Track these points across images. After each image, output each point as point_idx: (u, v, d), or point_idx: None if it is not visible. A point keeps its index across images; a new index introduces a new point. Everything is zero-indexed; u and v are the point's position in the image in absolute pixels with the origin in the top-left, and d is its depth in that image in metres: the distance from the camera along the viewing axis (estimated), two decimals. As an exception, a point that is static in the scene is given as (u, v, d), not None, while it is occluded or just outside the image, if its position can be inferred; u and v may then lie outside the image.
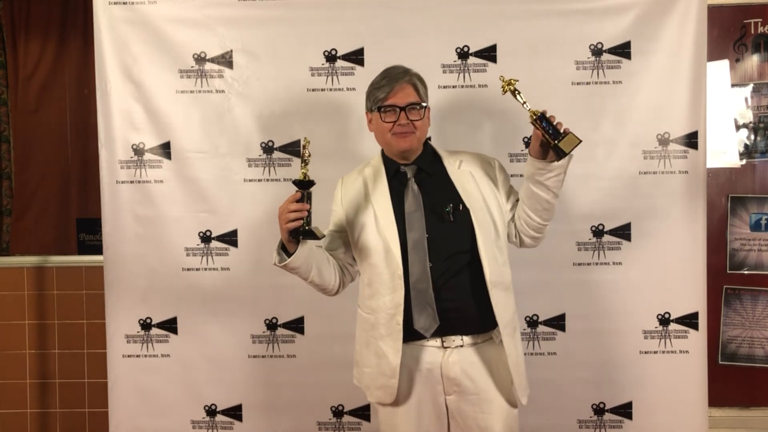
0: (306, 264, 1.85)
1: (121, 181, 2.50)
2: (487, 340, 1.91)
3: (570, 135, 1.76)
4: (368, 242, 1.90)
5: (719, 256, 2.97)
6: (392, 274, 1.85)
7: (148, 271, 2.51)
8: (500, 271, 1.90)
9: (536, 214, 1.92)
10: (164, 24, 2.45)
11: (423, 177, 1.93)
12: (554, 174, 1.83)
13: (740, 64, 2.98)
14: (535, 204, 1.90)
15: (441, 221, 1.87)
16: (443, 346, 1.88)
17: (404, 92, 1.87)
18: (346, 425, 2.54)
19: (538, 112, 1.77)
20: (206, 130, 2.48)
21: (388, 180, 1.94)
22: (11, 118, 4.20)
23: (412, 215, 1.87)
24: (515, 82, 1.82)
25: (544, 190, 1.86)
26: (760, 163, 3.00)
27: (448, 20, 2.44)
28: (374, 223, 1.90)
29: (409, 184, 1.91)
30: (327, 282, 1.94)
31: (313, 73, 2.47)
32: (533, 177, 1.86)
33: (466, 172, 1.95)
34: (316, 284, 1.93)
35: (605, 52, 2.43)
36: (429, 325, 1.86)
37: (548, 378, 2.44)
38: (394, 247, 1.85)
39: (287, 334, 2.52)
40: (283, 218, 1.77)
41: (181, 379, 2.53)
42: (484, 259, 1.85)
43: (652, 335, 2.48)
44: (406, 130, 1.87)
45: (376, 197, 1.92)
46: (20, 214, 4.16)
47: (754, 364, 3.00)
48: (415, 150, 1.93)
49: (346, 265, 2.01)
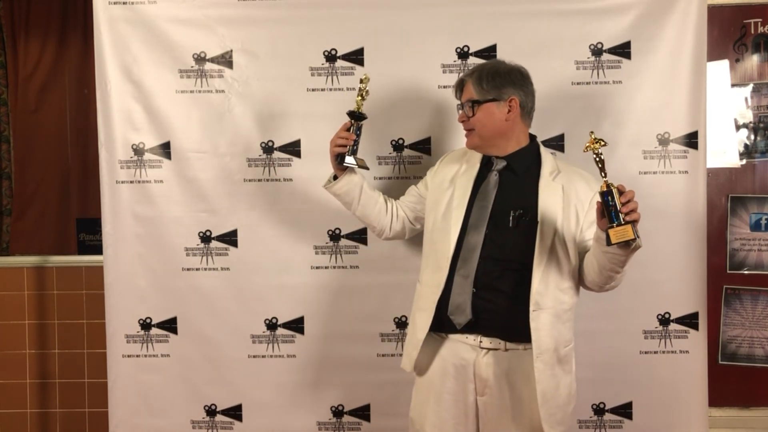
0: (348, 194, 2.08)
1: (121, 181, 2.50)
2: (531, 350, 1.83)
3: (627, 227, 1.60)
4: (436, 217, 1.97)
5: (719, 256, 2.97)
6: (443, 254, 1.89)
7: (148, 271, 2.50)
8: (555, 296, 1.83)
9: (588, 276, 1.85)
10: (164, 24, 2.45)
11: (508, 175, 1.92)
12: (610, 253, 1.70)
13: (740, 64, 2.98)
14: (590, 266, 1.82)
15: (504, 224, 1.86)
16: (480, 345, 1.87)
17: (465, 90, 1.96)
18: (346, 425, 2.54)
19: (611, 186, 1.64)
20: (206, 130, 2.48)
21: (480, 167, 1.98)
22: (11, 118, 4.20)
23: (480, 207, 1.89)
24: (602, 145, 1.69)
25: (599, 262, 1.76)
26: (760, 163, 2.99)
27: (448, 20, 2.43)
28: (448, 201, 1.95)
29: (490, 177, 1.93)
30: (371, 219, 2.13)
31: (313, 73, 2.47)
32: (594, 241, 1.76)
33: (557, 186, 1.88)
34: (358, 217, 2.15)
35: (605, 52, 2.42)
36: (460, 316, 1.87)
37: (548, 378, 2.44)
38: (454, 230, 1.89)
39: (287, 334, 2.52)
40: (331, 143, 2.01)
41: (181, 379, 2.53)
42: (535, 277, 1.81)
43: (652, 335, 2.48)
44: (467, 128, 1.96)
45: (461, 179, 1.98)
46: (20, 214, 4.17)
47: (754, 364, 3.00)
48: (495, 145, 1.93)
49: (406, 219, 2.16)
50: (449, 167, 2.05)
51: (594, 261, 1.79)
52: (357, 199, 2.09)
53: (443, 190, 1.99)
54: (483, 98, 1.91)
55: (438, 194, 2.00)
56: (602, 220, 1.67)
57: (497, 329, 1.86)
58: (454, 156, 2.11)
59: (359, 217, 2.16)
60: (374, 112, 2.43)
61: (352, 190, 2.07)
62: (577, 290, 1.94)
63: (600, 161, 1.69)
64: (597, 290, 1.92)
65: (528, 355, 1.84)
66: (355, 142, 2.01)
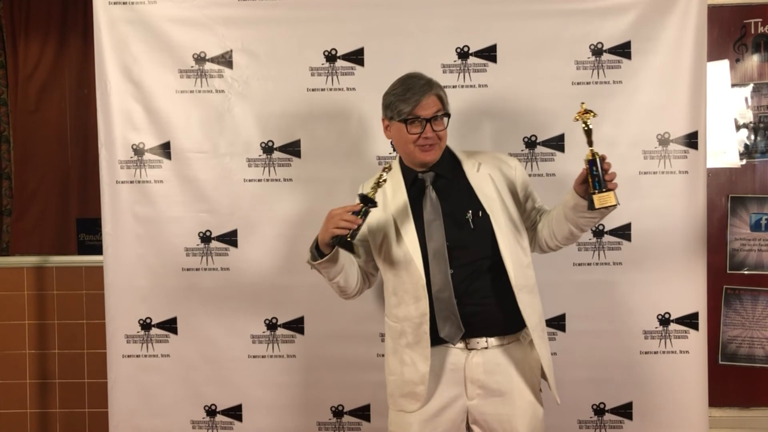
0: (337, 268, 1.86)
1: (121, 181, 2.50)
2: (514, 341, 1.90)
3: (610, 193, 1.74)
4: (390, 253, 1.89)
5: (719, 256, 2.97)
6: (415, 284, 1.85)
7: (148, 271, 2.50)
8: (525, 274, 1.89)
9: (558, 238, 1.94)
10: (164, 24, 2.45)
11: (442, 183, 1.91)
12: (588, 217, 1.83)
13: (740, 64, 2.98)
14: (561, 231, 1.91)
15: (461, 228, 1.86)
16: (467, 348, 1.87)
17: (430, 103, 1.84)
18: (346, 425, 2.54)
19: (596, 155, 1.74)
20: (206, 130, 2.48)
21: (406, 188, 1.92)
22: (11, 118, 4.20)
23: (432, 224, 1.86)
24: (592, 116, 1.78)
25: (575, 226, 1.87)
26: (760, 163, 3.00)
27: (448, 20, 2.44)
28: (395, 233, 1.89)
29: (427, 192, 1.89)
30: (350, 286, 1.96)
31: (313, 73, 2.47)
32: (569, 209, 1.84)
33: (485, 175, 1.93)
34: (340, 287, 1.94)
35: (605, 52, 2.43)
36: (454, 334, 1.85)
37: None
38: (416, 257, 1.84)
39: (287, 334, 2.52)
40: (332, 222, 1.76)
41: (181, 379, 2.53)
42: (508, 264, 1.84)
43: (653, 335, 2.48)
44: (431, 142, 1.85)
45: (395, 207, 1.91)
46: (20, 214, 4.17)
47: (754, 364, 3.00)
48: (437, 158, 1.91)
49: (367, 273, 2.02)
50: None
51: (564, 225, 1.88)
52: (341, 272, 1.89)
53: (382, 224, 1.91)
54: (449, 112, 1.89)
55: (379, 231, 1.92)
56: (582, 185, 1.78)
57: (486, 328, 1.87)
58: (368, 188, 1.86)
59: (340, 287, 1.94)
60: (374, 112, 2.44)
61: (340, 263, 1.88)
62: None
63: (588, 131, 1.77)
64: (552, 250, 2.02)
65: (513, 347, 1.89)
66: (359, 226, 1.78)
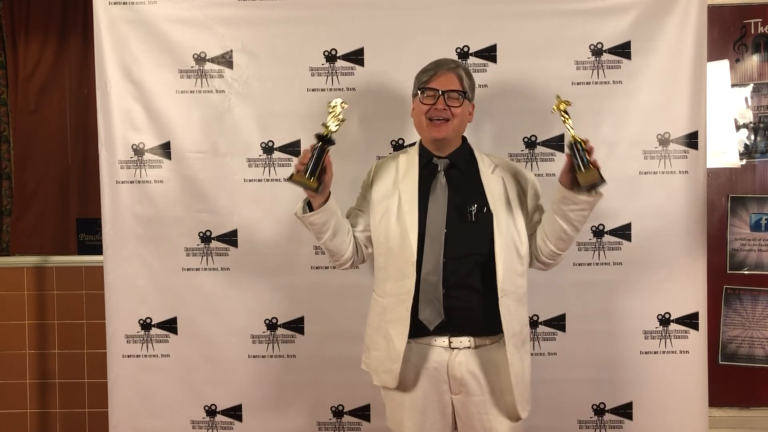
0: (326, 224, 1.90)
1: (121, 181, 2.50)
2: (496, 342, 1.90)
3: (594, 171, 1.75)
4: (388, 226, 1.92)
5: (719, 256, 2.97)
6: (406, 260, 1.86)
7: (148, 271, 2.50)
8: (514, 281, 1.89)
9: (552, 241, 1.91)
10: (164, 24, 2.45)
11: (454, 173, 1.93)
12: (578, 207, 1.82)
13: (740, 64, 2.98)
14: (553, 231, 1.89)
15: (463, 220, 1.87)
16: (450, 346, 1.88)
17: (447, 78, 1.89)
18: (346, 425, 2.54)
19: (578, 138, 1.76)
20: (206, 130, 2.48)
21: (419, 169, 1.95)
22: (11, 118, 4.20)
23: (435, 208, 1.88)
24: (568, 105, 1.83)
25: (565, 221, 1.86)
26: (760, 163, 3.00)
27: (448, 20, 2.44)
28: (397, 208, 1.91)
29: (438, 177, 1.92)
30: (339, 249, 1.98)
31: (313, 73, 2.47)
32: (557, 204, 1.85)
33: (498, 177, 1.96)
34: (328, 248, 1.98)
35: (605, 52, 2.43)
36: (433, 318, 1.86)
37: (548, 378, 2.44)
38: (412, 234, 1.86)
39: (287, 334, 2.52)
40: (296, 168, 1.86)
41: (181, 379, 2.53)
42: (499, 265, 1.84)
43: (653, 335, 2.48)
44: (442, 116, 1.87)
45: (404, 183, 1.94)
46: (20, 214, 4.17)
47: (754, 364, 3.00)
48: (450, 142, 1.93)
49: (360, 245, 2.04)
50: (386, 175, 2.00)
51: (555, 222, 1.87)
52: (332, 228, 1.92)
53: (387, 198, 1.95)
54: (467, 94, 1.91)
55: (383, 203, 1.95)
56: (567, 175, 1.80)
57: (467, 326, 1.88)
58: (385, 163, 2.04)
59: (328, 248, 1.99)
60: (374, 112, 2.45)
61: (329, 219, 1.91)
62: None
63: (566, 119, 1.82)
64: (545, 267, 2.00)
65: (495, 348, 1.89)
66: (317, 165, 1.80)
